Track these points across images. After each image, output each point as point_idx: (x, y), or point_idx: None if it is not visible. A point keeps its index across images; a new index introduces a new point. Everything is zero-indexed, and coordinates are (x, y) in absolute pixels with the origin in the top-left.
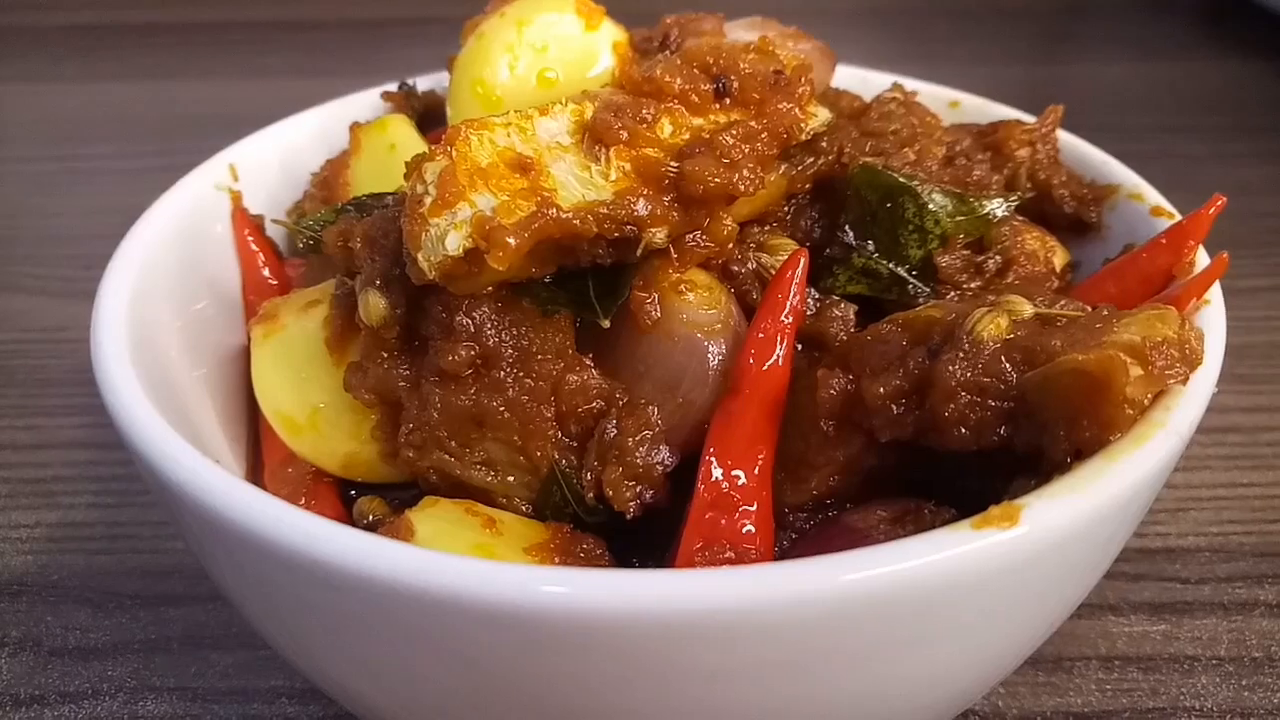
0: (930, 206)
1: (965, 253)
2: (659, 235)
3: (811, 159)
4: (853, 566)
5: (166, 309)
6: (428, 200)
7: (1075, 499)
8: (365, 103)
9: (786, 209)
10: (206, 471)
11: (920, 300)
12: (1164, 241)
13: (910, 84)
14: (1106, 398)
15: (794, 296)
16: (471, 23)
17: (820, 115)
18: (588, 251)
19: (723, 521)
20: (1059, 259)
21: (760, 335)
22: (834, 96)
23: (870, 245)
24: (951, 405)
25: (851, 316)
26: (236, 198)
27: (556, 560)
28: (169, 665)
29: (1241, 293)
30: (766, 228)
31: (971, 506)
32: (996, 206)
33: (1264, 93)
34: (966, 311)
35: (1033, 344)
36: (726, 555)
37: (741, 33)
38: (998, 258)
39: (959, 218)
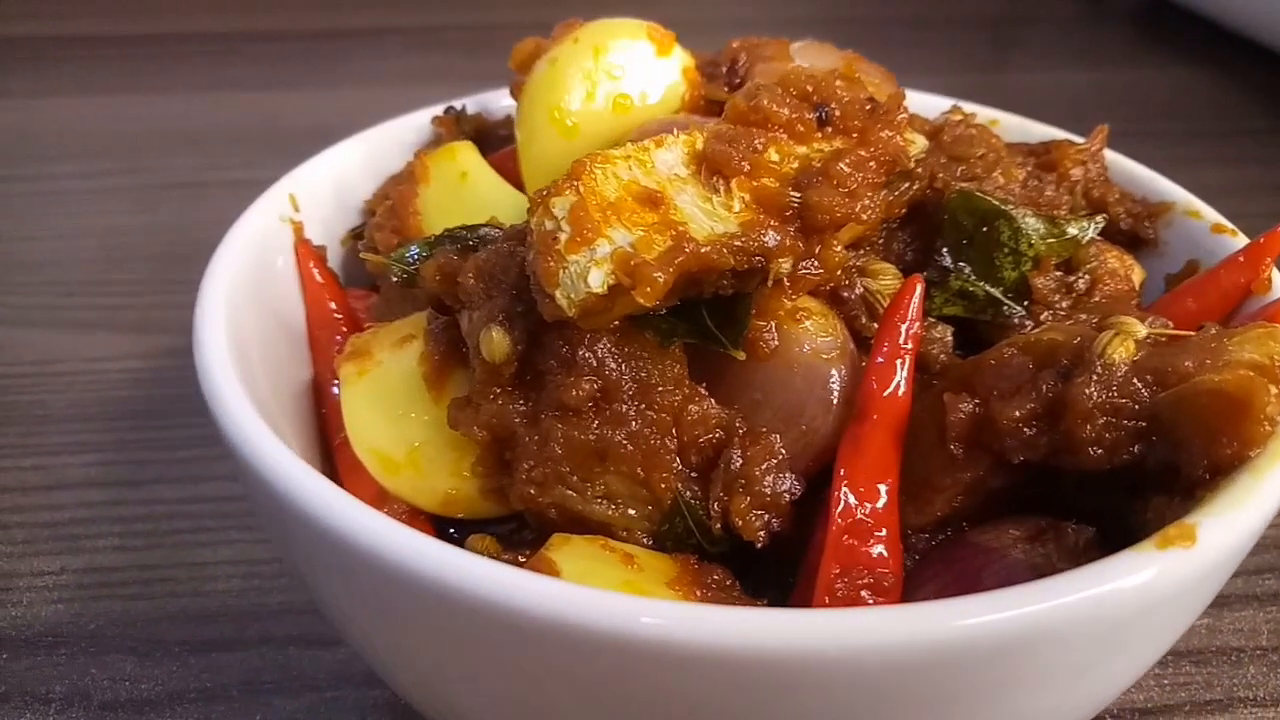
0: (1024, 230)
1: (1058, 274)
2: (785, 265)
3: (907, 185)
4: (1060, 592)
5: (255, 351)
6: (562, 237)
7: (1240, 515)
8: (411, 127)
9: (880, 234)
10: (356, 511)
11: (1015, 320)
12: (1241, 259)
13: (966, 106)
14: (1248, 415)
15: (913, 322)
16: (523, 47)
17: (918, 142)
18: (714, 283)
19: (859, 547)
20: (1137, 276)
21: (882, 361)
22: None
23: (966, 268)
24: (1088, 426)
25: (949, 338)
26: (298, 229)
27: (698, 594)
28: (231, 715)
29: None
30: (862, 252)
31: (1089, 522)
32: (1085, 228)
33: (1212, 99)
34: (1090, 334)
35: (1162, 364)
36: (864, 580)
37: (803, 58)
38: (1086, 277)
39: (1050, 240)
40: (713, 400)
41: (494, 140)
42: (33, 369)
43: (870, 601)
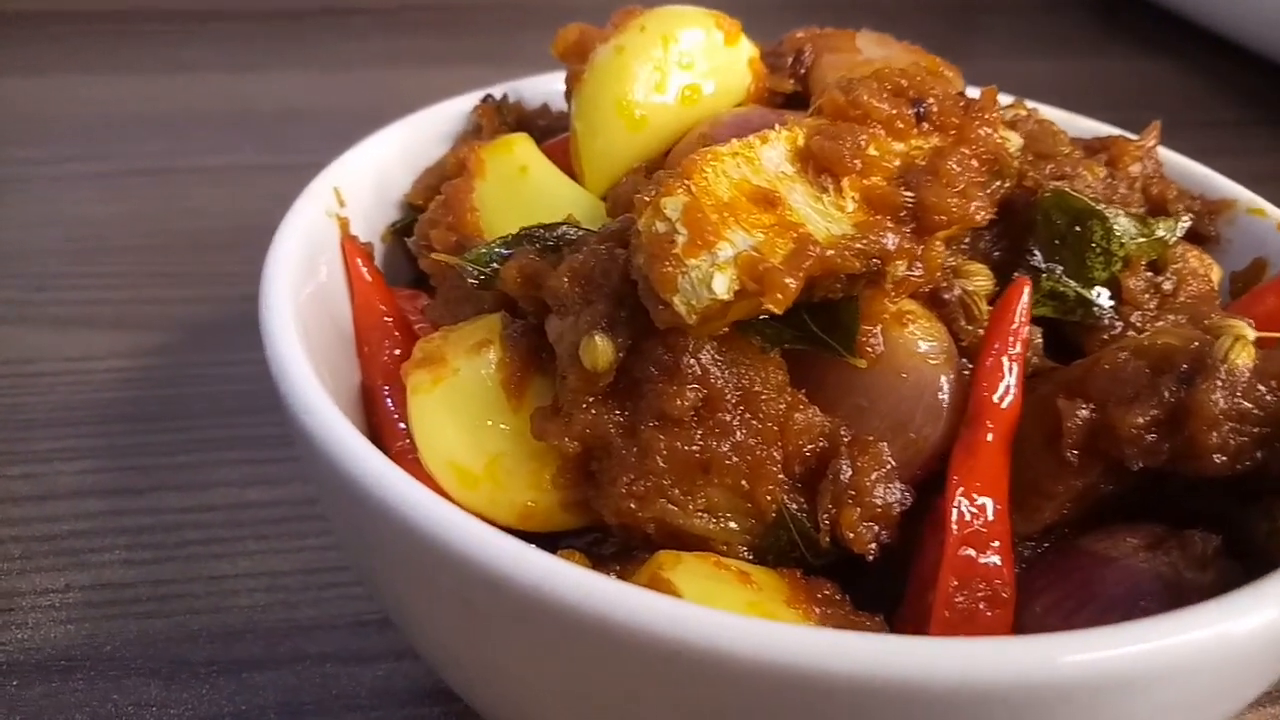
0: (1116, 230)
1: (1148, 275)
2: (901, 268)
3: (998, 183)
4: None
5: (320, 356)
6: (679, 240)
7: None
8: (446, 116)
9: (967, 232)
10: (471, 525)
11: (1104, 321)
12: None
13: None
14: None
15: (1023, 325)
16: (567, 34)
17: (1014, 140)
18: (828, 286)
19: (975, 559)
20: (1215, 275)
21: (993, 365)
22: None
23: (1058, 268)
24: (1214, 434)
25: (1039, 340)
26: (344, 225)
27: (816, 612)
28: None
29: None
30: (950, 252)
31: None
32: (1172, 229)
33: (1178, 90)
34: (1205, 339)
35: None
36: (982, 592)
37: (867, 49)
38: (1173, 278)
39: (1140, 240)
40: (816, 408)
41: (532, 131)
42: (8, 369)
43: (988, 614)
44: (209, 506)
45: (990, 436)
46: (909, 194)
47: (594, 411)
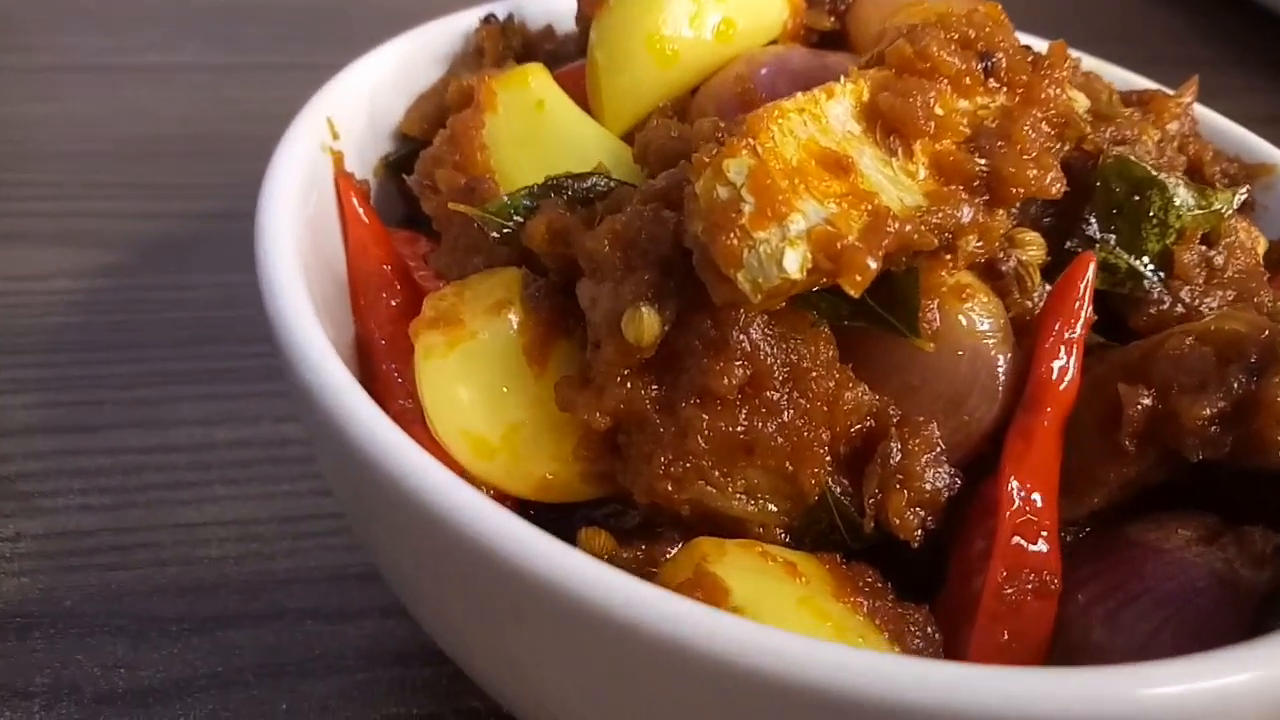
0: (1175, 200)
1: (1201, 248)
2: (973, 242)
3: (1058, 146)
4: None
5: (322, 309)
6: (745, 209)
7: None
8: (442, 37)
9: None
10: (513, 525)
11: (1154, 295)
12: None
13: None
14: None
15: (1086, 304)
16: None
17: (1080, 100)
18: (895, 261)
19: (1025, 548)
20: (1261, 247)
21: (1054, 346)
22: None
23: (1112, 238)
24: None
25: (1093, 314)
26: (339, 160)
27: (863, 604)
28: (251, 705)
29: None
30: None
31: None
32: (1229, 201)
33: (1161, 24)
34: (1274, 329)
35: None
36: (1030, 583)
37: None
38: (1224, 253)
39: (1196, 212)
40: (865, 386)
41: (537, 57)
42: None
43: (1035, 605)
44: (171, 446)
45: (1048, 422)
46: (982, 161)
47: (629, 385)
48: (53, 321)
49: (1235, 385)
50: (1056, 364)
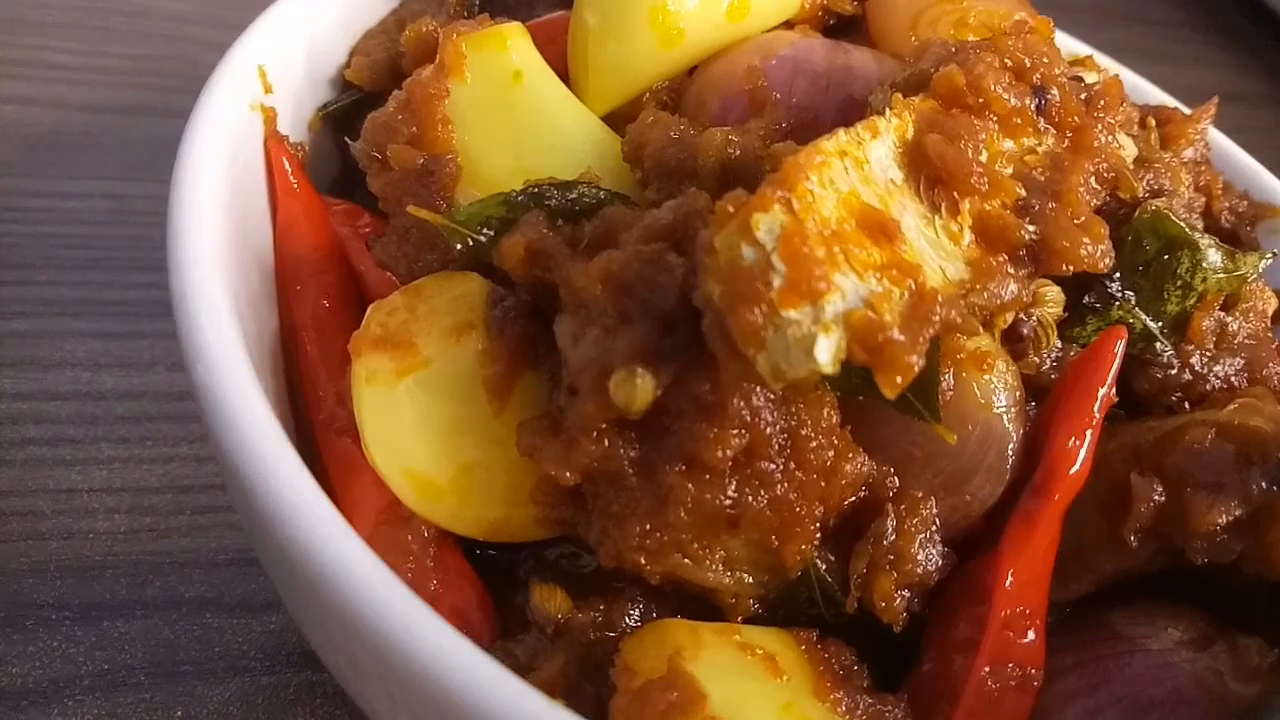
0: (1204, 262)
1: (1220, 314)
2: (1010, 318)
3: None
4: None
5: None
6: (775, 279)
7: None
8: None
9: None
10: (481, 672)
11: (1164, 359)
12: None
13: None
14: None
15: (1111, 386)
16: None
17: (1129, 149)
18: None
19: (1014, 640)
20: (1271, 307)
21: (1071, 430)
22: None
23: (1133, 296)
24: None
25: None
26: (270, 119)
27: (843, 702)
28: (142, 710)
29: None
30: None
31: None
32: (1256, 266)
33: None
34: None
35: None
36: (1013, 676)
37: None
38: (1240, 318)
39: (1222, 275)
40: (864, 455)
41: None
42: None
43: (1016, 698)
44: (53, 393)
45: (1053, 510)
46: (1032, 229)
47: (606, 442)
48: None
49: (1255, 490)
50: (1071, 451)
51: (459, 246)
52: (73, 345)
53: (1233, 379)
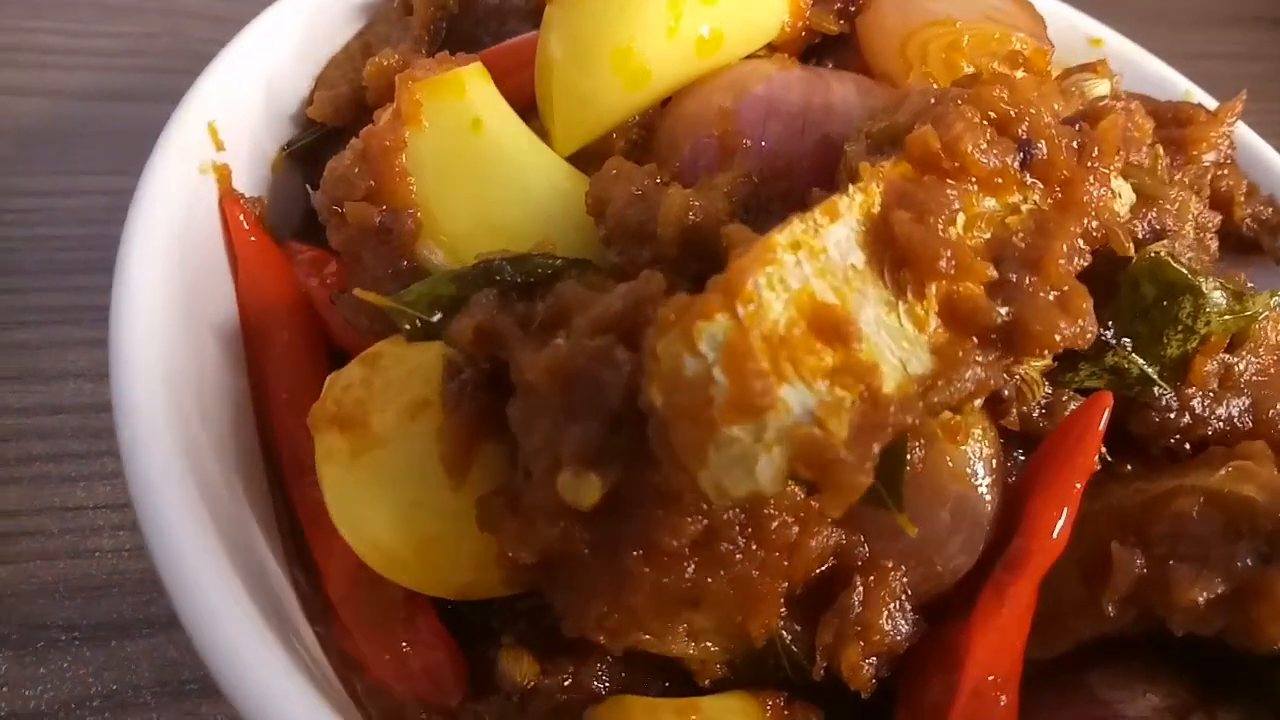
0: (1207, 306)
1: (1223, 356)
2: (979, 403)
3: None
4: None
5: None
6: (717, 394)
7: None
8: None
9: None
10: None
11: (1162, 402)
12: None
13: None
14: None
15: (1093, 456)
16: None
17: (1125, 196)
18: None
19: (983, 710)
20: None
21: (1050, 503)
22: None
23: (1129, 343)
24: None
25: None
26: (224, 177)
27: None
28: None
29: None
30: None
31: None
32: (1268, 305)
33: None
34: None
35: None
36: None
37: None
38: (1249, 359)
39: (1228, 317)
40: (832, 526)
41: (480, 12)
42: None
43: None
44: (56, 407)
45: (1028, 585)
46: (1004, 310)
47: (563, 525)
48: None
49: (1239, 565)
50: (1046, 524)
51: (406, 326)
52: (75, 355)
53: (1236, 421)
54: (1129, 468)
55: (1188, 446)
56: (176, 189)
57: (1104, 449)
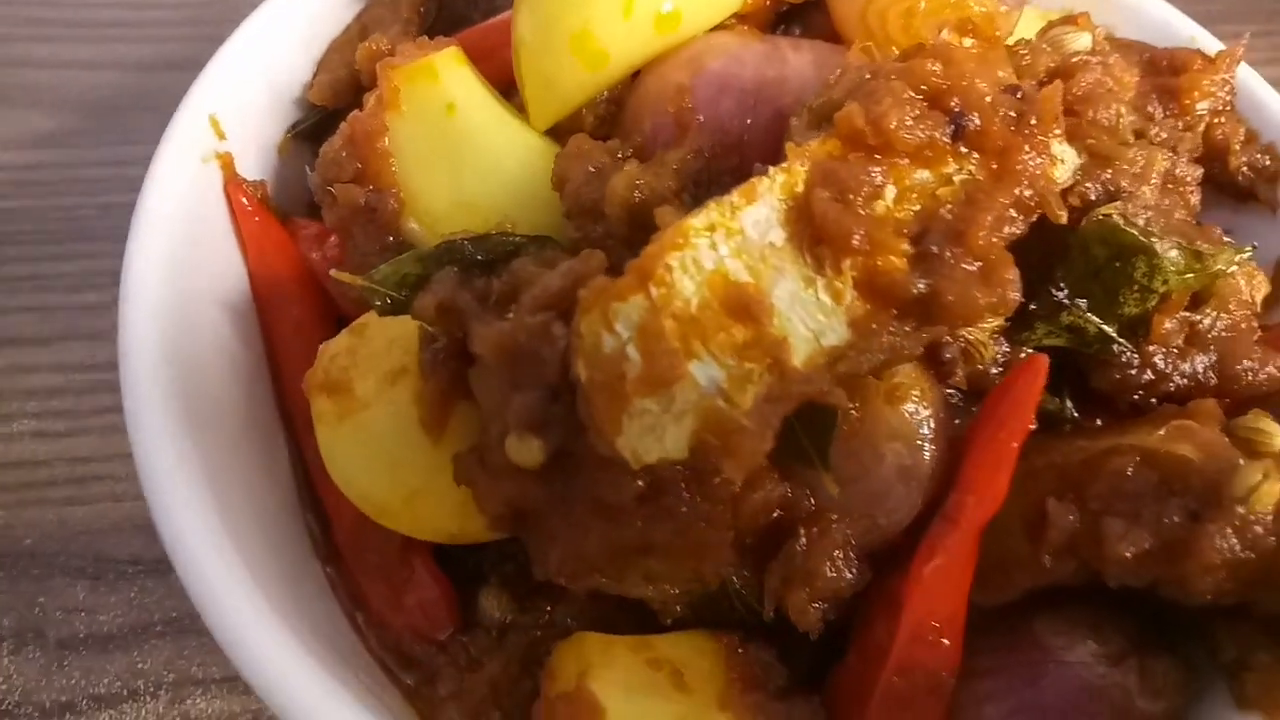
0: (1162, 266)
1: (1184, 313)
2: (899, 375)
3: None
4: None
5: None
6: (630, 370)
7: None
8: None
9: None
10: None
11: (1123, 359)
12: None
13: None
14: None
15: (1029, 416)
16: None
17: (1067, 161)
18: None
19: (922, 655)
20: (1260, 292)
21: (984, 465)
22: (1020, 54)
23: (1084, 302)
24: (1208, 578)
25: (1045, 380)
26: (227, 164)
27: (747, 697)
28: (207, 651)
29: None
30: None
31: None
32: (1230, 261)
33: None
34: (1230, 459)
35: None
36: (923, 680)
37: None
38: (1213, 315)
39: (1188, 275)
40: (777, 478)
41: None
42: None
43: (928, 699)
44: None
45: (965, 540)
46: (923, 283)
47: (524, 480)
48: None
49: (1168, 522)
50: (984, 480)
51: (377, 304)
52: None
53: (1200, 377)
54: (1099, 423)
55: (1154, 402)
56: (179, 179)
57: (1070, 405)
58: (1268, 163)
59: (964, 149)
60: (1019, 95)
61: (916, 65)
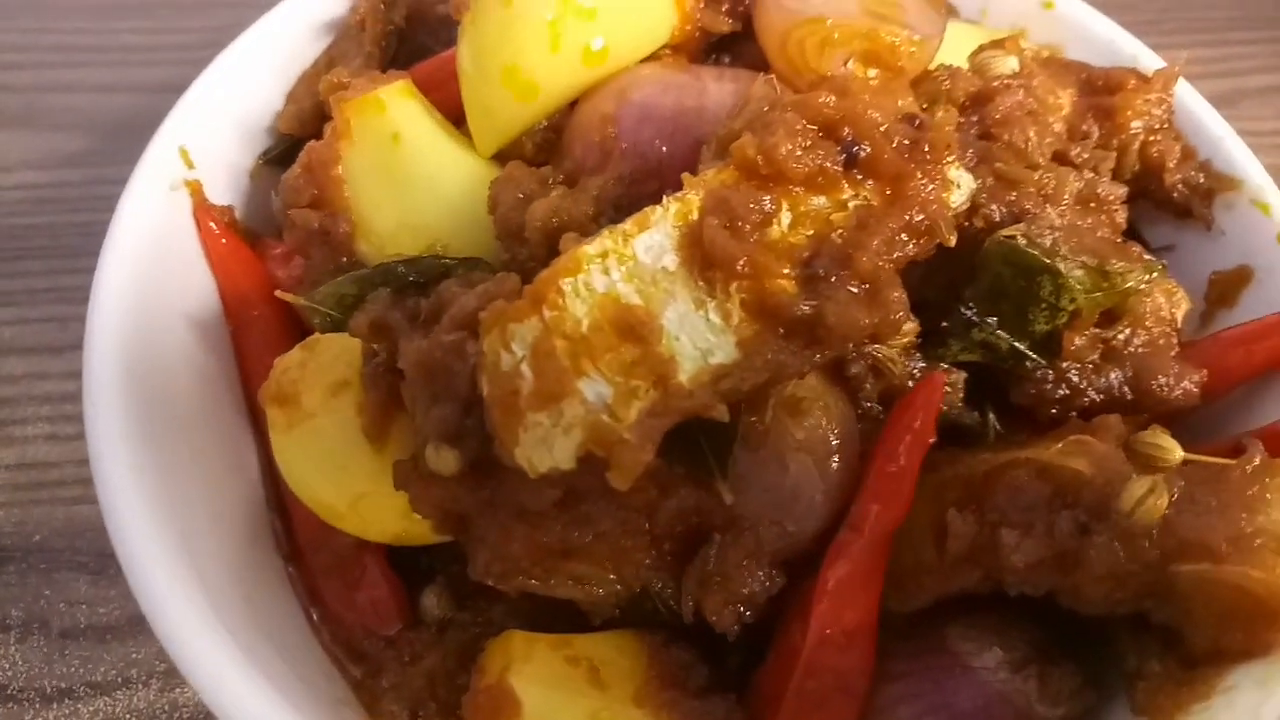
0: (1068, 285)
1: (1095, 330)
2: (788, 390)
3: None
4: None
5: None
6: (523, 386)
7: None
8: (317, 8)
9: None
10: None
11: (1037, 374)
12: None
13: None
14: (1273, 625)
15: (927, 433)
16: None
17: (963, 185)
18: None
19: (833, 658)
20: (1181, 309)
21: (886, 476)
22: (940, 79)
23: (993, 320)
24: (1099, 587)
25: (961, 386)
26: (197, 192)
27: (664, 694)
28: None
29: None
30: None
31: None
32: (1141, 279)
33: None
34: (1121, 472)
35: (1188, 534)
36: (833, 683)
37: None
38: (1127, 331)
39: (1096, 294)
40: (690, 488)
41: (431, 22)
42: None
43: (839, 702)
44: None
45: (868, 544)
46: (807, 304)
47: (452, 488)
48: (16, 223)
49: (1061, 535)
50: (884, 493)
51: (317, 321)
52: None
53: (1115, 392)
54: (1024, 436)
55: (1073, 415)
56: (146, 205)
57: (993, 418)
58: (1201, 179)
59: (858, 175)
60: (916, 123)
61: (810, 98)
